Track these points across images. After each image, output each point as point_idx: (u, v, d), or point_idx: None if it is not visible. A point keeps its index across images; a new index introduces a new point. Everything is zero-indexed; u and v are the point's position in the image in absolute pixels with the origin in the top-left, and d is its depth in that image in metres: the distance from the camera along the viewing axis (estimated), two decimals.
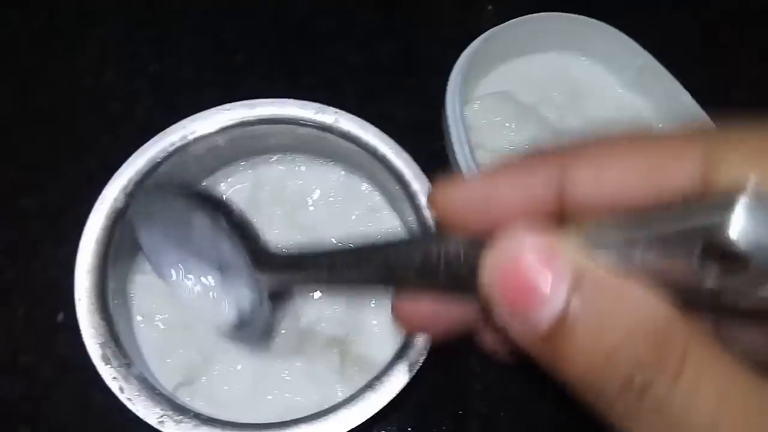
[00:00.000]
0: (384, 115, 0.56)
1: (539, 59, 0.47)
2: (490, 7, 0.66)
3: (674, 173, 0.13)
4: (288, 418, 0.31)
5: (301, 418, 0.30)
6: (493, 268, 0.14)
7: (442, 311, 0.19)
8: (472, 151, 0.38)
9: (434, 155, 0.42)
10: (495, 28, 0.44)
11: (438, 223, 0.18)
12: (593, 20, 0.45)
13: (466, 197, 0.17)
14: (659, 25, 0.62)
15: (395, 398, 0.31)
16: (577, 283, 0.13)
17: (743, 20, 0.66)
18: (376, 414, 0.31)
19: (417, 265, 0.18)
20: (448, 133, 0.40)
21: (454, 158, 0.39)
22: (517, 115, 0.41)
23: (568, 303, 0.13)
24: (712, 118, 0.41)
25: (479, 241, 0.16)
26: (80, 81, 0.57)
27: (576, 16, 0.45)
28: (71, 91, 0.57)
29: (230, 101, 0.41)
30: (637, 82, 0.46)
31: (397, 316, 0.20)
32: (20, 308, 0.45)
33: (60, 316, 0.44)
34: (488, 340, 0.21)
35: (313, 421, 0.30)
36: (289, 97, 0.40)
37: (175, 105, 0.40)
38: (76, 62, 0.59)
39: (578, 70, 0.46)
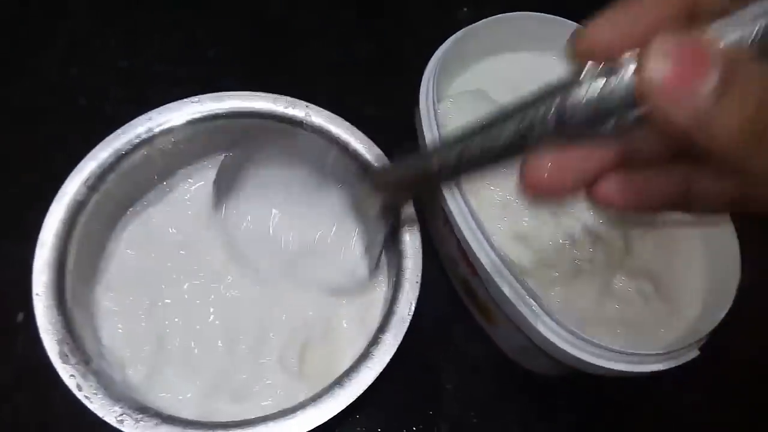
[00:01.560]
0: (358, 113, 0.56)
1: (513, 58, 0.47)
2: (465, 9, 0.67)
3: None
4: (252, 416, 0.30)
5: (266, 416, 0.29)
6: (659, 51, 0.16)
7: (570, 164, 0.21)
8: None
9: (409, 152, 0.42)
10: (469, 26, 0.44)
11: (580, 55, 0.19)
12: (567, 20, 0.46)
13: (613, 25, 0.19)
14: None
15: (364, 397, 0.30)
16: (728, 63, 0.16)
17: None
18: (343, 412, 0.30)
19: (554, 116, 0.20)
20: (421, 131, 0.40)
21: None
22: (488, 113, 0.41)
23: (725, 74, 0.16)
24: None
25: (614, 68, 0.18)
26: (47, 75, 0.56)
27: (550, 16, 0.46)
28: (37, 85, 0.55)
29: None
30: None
31: (528, 185, 0.21)
32: None
33: (20, 317, 0.43)
34: (609, 187, 0.22)
35: (278, 420, 0.29)
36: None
37: (145, 100, 0.39)
38: (43, 55, 0.57)
39: (552, 71, 0.46)
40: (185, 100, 0.38)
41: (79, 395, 0.30)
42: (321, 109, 0.37)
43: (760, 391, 0.47)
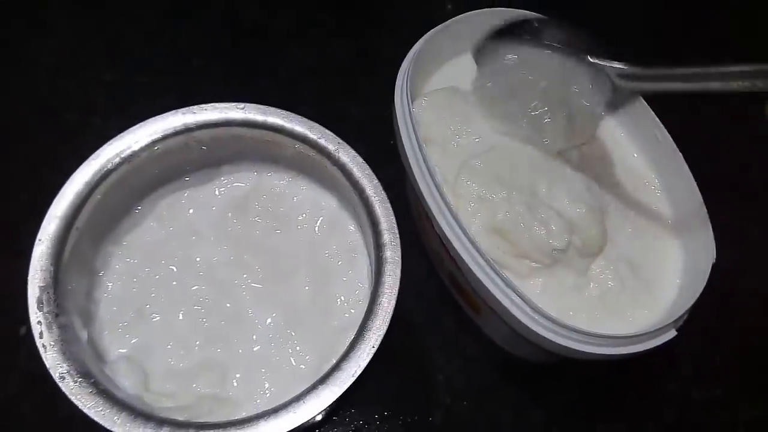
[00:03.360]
0: (340, 114, 0.57)
1: None
2: (449, 6, 0.67)
3: None
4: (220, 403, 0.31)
5: (257, 414, 0.30)
6: None
7: None
8: (420, 146, 0.38)
9: (390, 151, 0.43)
10: (443, 24, 0.44)
11: None
12: (543, 16, 0.46)
13: None
14: (613, 19, 0.64)
15: (357, 389, 0.31)
16: None
17: (691, 10, 0.68)
18: (336, 405, 0.31)
19: None
20: (397, 129, 0.40)
21: (404, 153, 0.39)
22: (463, 111, 0.42)
23: None
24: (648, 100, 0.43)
25: None
26: (34, 91, 0.57)
27: (527, 12, 0.46)
28: (25, 102, 0.56)
29: (188, 105, 0.41)
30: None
31: None
32: None
33: (22, 330, 0.44)
34: None
35: (267, 418, 0.30)
36: (245, 101, 0.40)
37: (132, 112, 0.39)
38: (29, 72, 0.58)
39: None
40: (231, 104, 0.38)
41: (38, 342, 0.31)
42: (350, 149, 0.37)
43: (740, 367, 0.48)
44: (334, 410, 0.39)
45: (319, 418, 0.32)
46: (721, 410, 0.46)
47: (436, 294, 0.49)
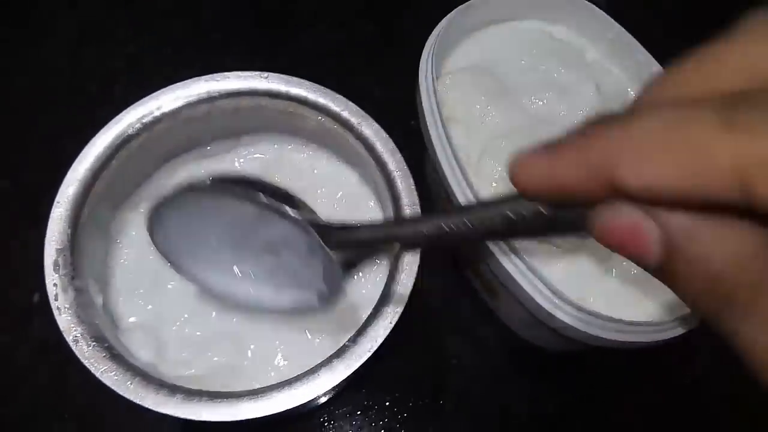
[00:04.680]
0: (363, 94, 0.56)
1: (519, 27, 0.47)
2: None
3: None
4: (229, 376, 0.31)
5: (271, 386, 0.30)
6: (603, 229, 0.17)
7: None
8: (444, 125, 0.38)
9: (411, 133, 0.42)
10: (469, 1, 0.44)
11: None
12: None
13: (534, 173, 0.18)
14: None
15: (370, 370, 0.30)
16: (669, 230, 0.16)
17: None
18: (346, 383, 0.30)
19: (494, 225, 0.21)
20: (422, 109, 0.40)
21: (427, 133, 0.39)
22: (488, 89, 0.41)
23: (668, 244, 0.16)
24: None
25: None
26: (55, 62, 0.57)
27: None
28: (46, 72, 0.56)
29: None
30: (609, 53, 0.46)
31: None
32: None
33: (36, 297, 0.44)
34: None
35: (266, 393, 0.29)
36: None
37: (153, 85, 0.39)
38: (50, 43, 0.58)
39: (551, 41, 0.46)
40: (254, 73, 0.38)
41: (53, 304, 0.31)
42: (374, 122, 0.37)
43: None
44: (343, 389, 0.38)
45: (329, 395, 0.31)
46: (740, 403, 0.45)
47: (452, 278, 0.48)
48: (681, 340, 0.35)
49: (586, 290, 0.37)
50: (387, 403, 0.44)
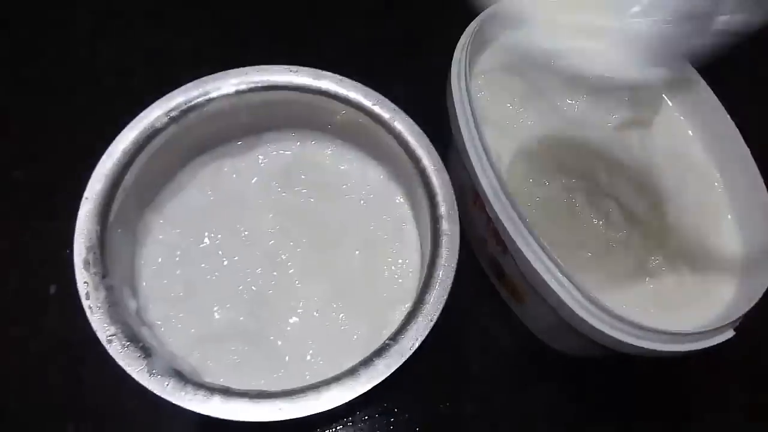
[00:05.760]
0: (385, 92, 0.56)
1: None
2: None
3: None
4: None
5: (279, 391, 0.29)
6: None
7: None
8: (477, 125, 0.37)
9: (433, 132, 0.42)
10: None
11: None
12: None
13: None
14: None
15: (391, 377, 0.30)
16: None
17: None
18: (370, 391, 0.30)
19: None
20: (453, 110, 0.39)
21: (459, 134, 0.38)
22: (521, 90, 0.41)
23: None
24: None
25: None
26: (74, 53, 0.56)
27: None
28: (63, 64, 0.55)
29: None
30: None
31: None
32: (13, 280, 0.44)
33: (52, 289, 0.43)
34: None
35: (295, 396, 0.28)
36: None
37: (171, 79, 0.38)
38: (69, 34, 0.57)
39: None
40: (282, 66, 0.37)
41: (85, 303, 0.30)
42: (407, 116, 0.36)
43: None
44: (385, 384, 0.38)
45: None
46: (765, 418, 0.45)
47: (473, 281, 0.47)
48: (706, 353, 0.34)
49: (619, 298, 0.37)
50: (408, 407, 0.43)
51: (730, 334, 0.35)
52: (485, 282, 0.47)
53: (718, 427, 0.44)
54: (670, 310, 0.37)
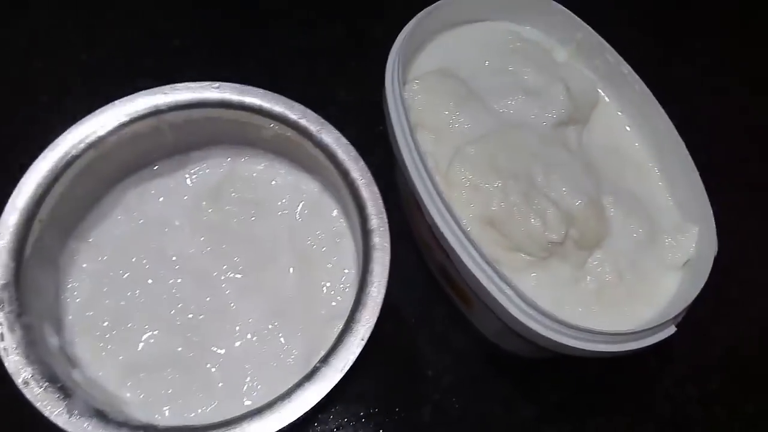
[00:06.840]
0: (328, 97, 0.55)
1: (481, 29, 0.46)
2: None
3: None
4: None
5: (242, 415, 0.28)
6: None
7: None
8: (411, 131, 0.36)
9: (380, 137, 0.41)
10: (437, 2, 0.42)
11: None
12: None
13: None
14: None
15: (343, 385, 0.29)
16: None
17: None
18: (320, 404, 0.29)
19: None
20: (388, 113, 0.38)
21: (395, 140, 0.37)
22: (457, 93, 0.40)
23: None
24: (651, 89, 0.41)
25: None
26: (6, 71, 0.54)
27: None
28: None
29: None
30: (578, 54, 0.45)
31: None
32: None
33: None
34: None
35: (251, 419, 0.28)
36: (228, 82, 0.38)
37: (108, 95, 0.37)
38: (2, 52, 0.56)
39: (520, 42, 0.45)
40: (205, 83, 0.36)
41: None
42: (334, 129, 0.35)
43: (739, 364, 0.47)
44: (319, 408, 0.37)
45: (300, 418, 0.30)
46: (717, 406, 0.45)
47: (424, 286, 0.47)
48: (657, 348, 0.34)
49: (561, 299, 0.36)
50: (363, 420, 0.43)
51: (671, 330, 0.35)
52: (437, 286, 0.46)
53: (672, 420, 0.44)
54: (613, 308, 0.37)
